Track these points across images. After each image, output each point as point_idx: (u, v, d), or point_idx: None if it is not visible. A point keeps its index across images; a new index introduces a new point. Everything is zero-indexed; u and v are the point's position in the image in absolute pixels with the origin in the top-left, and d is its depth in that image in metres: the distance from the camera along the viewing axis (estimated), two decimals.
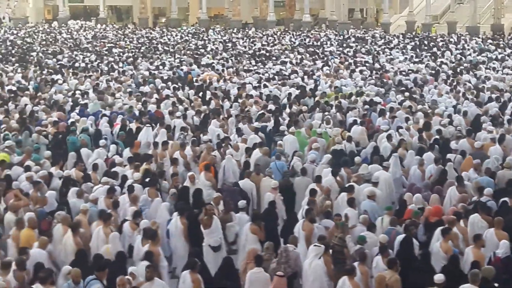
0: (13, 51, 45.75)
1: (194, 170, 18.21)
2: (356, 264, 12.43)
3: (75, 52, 45.17)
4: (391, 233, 13.66)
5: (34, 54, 44.15)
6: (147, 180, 16.53)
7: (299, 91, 28.92)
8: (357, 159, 18.58)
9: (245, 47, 49.70)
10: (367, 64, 38.01)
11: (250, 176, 17.34)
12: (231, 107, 25.74)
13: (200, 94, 28.42)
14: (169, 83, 31.52)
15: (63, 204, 15.03)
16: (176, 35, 59.16)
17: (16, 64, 38.24)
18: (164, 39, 55.71)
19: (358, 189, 16.14)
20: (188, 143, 20.13)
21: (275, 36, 58.31)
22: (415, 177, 17.69)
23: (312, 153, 18.92)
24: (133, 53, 45.01)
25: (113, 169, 17.37)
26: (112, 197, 15.54)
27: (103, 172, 17.69)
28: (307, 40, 54.63)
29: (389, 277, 11.89)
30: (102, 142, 20.03)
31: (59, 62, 40.02)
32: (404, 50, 45.51)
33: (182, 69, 36.57)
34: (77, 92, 28.48)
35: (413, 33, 59.81)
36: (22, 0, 72.48)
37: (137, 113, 23.89)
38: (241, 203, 15.65)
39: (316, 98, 26.97)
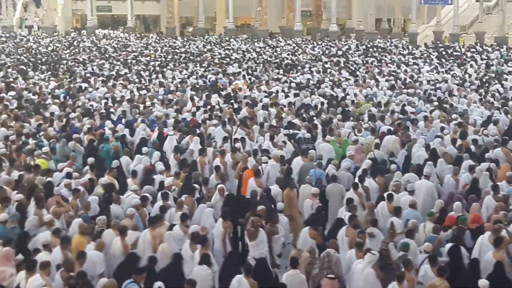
0: (43, 60, 46.11)
1: (231, 178, 18.29)
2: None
3: (102, 61, 45.39)
4: (433, 241, 13.58)
5: (64, 62, 44.50)
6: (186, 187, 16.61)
7: (327, 100, 29.00)
8: (393, 166, 18.60)
9: (270, 56, 49.74)
10: (393, 74, 37.91)
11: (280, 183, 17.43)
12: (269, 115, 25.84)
13: (230, 102, 28.51)
14: (199, 91, 31.60)
15: (105, 210, 15.08)
16: (199, 45, 59.44)
17: (48, 72, 38.50)
18: (187, 48, 55.87)
19: (396, 198, 16.09)
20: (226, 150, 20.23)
21: (296, 45, 58.43)
22: (448, 186, 17.61)
23: (347, 161, 18.96)
24: (160, 62, 45.18)
25: (155, 176, 17.57)
26: (146, 205, 15.55)
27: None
28: (330, 49, 54.67)
29: (439, 285, 11.85)
30: (145, 149, 20.14)
31: (88, 71, 40.25)
32: (428, 60, 45.36)
33: (210, 78, 36.70)
34: (109, 100, 28.64)
35: (436, 43, 59.54)
36: (50, 9, 73.00)
37: (172, 121, 23.89)
38: (280, 205, 15.89)
39: (350, 107, 27.07)
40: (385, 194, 16.39)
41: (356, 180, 17.47)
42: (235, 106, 27.40)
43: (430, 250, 13.10)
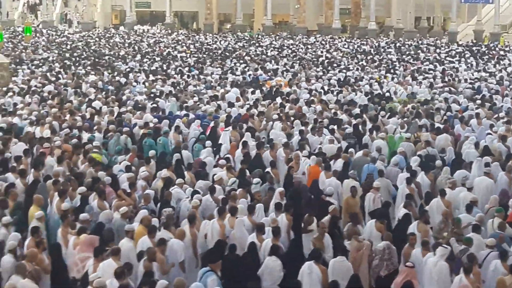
0: (84, 55, 46.53)
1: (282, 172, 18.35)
2: None
3: (141, 57, 45.63)
4: (497, 237, 13.51)
5: (105, 57, 44.86)
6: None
7: (370, 97, 28.95)
8: (438, 162, 18.54)
9: (305, 53, 49.69)
10: (431, 72, 37.76)
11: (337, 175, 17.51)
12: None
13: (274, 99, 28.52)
14: (242, 87, 31.65)
15: (165, 203, 15.15)
16: (230, 41, 59.52)
17: (89, 68, 38.81)
18: (218, 45, 55.96)
19: (452, 194, 16.00)
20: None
21: (326, 42, 58.53)
22: (501, 183, 17.46)
23: (397, 156, 18.94)
24: (197, 58, 45.32)
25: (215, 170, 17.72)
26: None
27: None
28: (362, 47, 54.58)
29: (510, 283, 11.77)
30: (208, 143, 20.23)
31: (128, 66, 40.50)
32: (464, 59, 45.05)
33: (249, 74, 36.74)
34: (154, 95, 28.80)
35: (475, 42, 59.12)
36: (90, 5, 73.68)
37: (224, 116, 23.87)
38: (329, 190, 16.18)
39: (394, 104, 27.01)
40: (438, 190, 16.34)
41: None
42: (279, 102, 27.34)
43: (493, 245, 13.03)
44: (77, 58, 43.78)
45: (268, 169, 17.91)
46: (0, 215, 13.70)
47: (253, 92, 29.99)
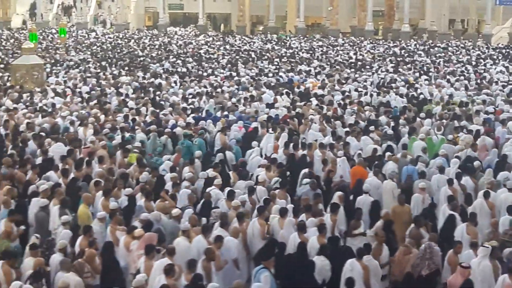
0: (117, 56, 46.86)
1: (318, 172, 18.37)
2: None
3: (174, 58, 45.80)
4: None
5: (140, 59, 45.12)
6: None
7: (406, 98, 28.82)
8: (476, 163, 18.44)
9: (336, 55, 49.59)
10: (465, 74, 37.58)
11: (378, 175, 17.50)
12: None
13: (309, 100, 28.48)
14: (277, 89, 31.62)
15: (207, 204, 15.21)
16: (258, 43, 59.58)
17: (126, 69, 39.03)
18: (249, 47, 56.01)
19: (494, 196, 15.96)
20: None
21: (354, 44, 58.46)
22: None
23: (440, 159, 18.80)
24: (230, 59, 45.39)
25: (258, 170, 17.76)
26: (233, 199, 15.56)
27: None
28: (391, 49, 54.39)
29: None
30: (254, 143, 20.30)
31: (163, 67, 40.67)
32: (498, 61, 44.68)
33: (281, 76, 36.71)
34: (190, 96, 28.88)
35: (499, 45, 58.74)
36: (124, 7, 74.18)
37: (264, 118, 23.83)
38: (366, 187, 16.29)
39: (432, 106, 26.94)
40: (481, 192, 16.21)
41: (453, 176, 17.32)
42: (315, 103, 27.28)
43: None
44: (112, 60, 44.04)
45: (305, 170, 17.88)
46: (60, 214, 13.71)
47: (287, 94, 29.90)
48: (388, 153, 19.41)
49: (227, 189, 16.07)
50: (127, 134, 20.88)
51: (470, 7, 70.15)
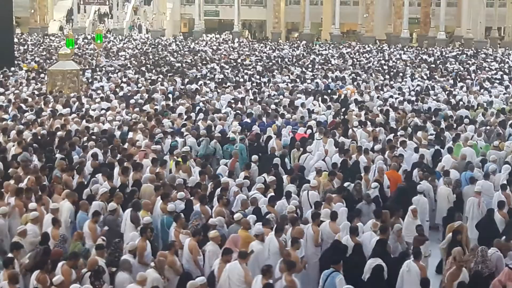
0: (152, 61, 47.33)
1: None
2: None
3: (212, 64, 46.10)
4: None
5: (178, 65, 45.53)
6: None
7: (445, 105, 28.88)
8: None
9: (368, 62, 49.67)
10: (498, 81, 37.80)
11: (428, 179, 17.64)
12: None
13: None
14: (316, 95, 31.75)
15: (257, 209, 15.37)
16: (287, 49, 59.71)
17: (167, 74, 39.41)
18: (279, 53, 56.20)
19: None
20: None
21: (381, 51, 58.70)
22: None
23: (493, 164, 18.95)
24: (265, 66, 45.61)
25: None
26: (274, 205, 15.67)
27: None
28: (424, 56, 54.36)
29: None
30: (309, 148, 20.43)
31: (201, 74, 40.97)
32: None
33: (316, 82, 36.82)
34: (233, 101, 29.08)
35: None
36: (160, 13, 74.76)
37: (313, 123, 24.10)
38: (420, 187, 16.51)
39: (474, 113, 27.10)
40: None
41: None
42: (355, 110, 27.40)
43: None
44: (150, 65, 44.50)
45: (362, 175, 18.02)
46: (134, 217, 13.93)
47: (323, 100, 30.01)
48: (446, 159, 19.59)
49: (270, 194, 16.25)
50: (178, 139, 21.15)
51: (507, 15, 69.66)
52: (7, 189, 15.77)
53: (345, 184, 16.79)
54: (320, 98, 30.43)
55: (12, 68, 40.18)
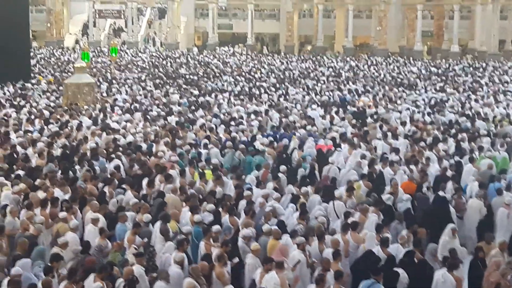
0: (169, 74, 47.71)
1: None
2: None
3: (225, 77, 46.39)
4: None
5: (193, 77, 45.89)
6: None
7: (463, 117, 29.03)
8: None
9: (379, 74, 49.92)
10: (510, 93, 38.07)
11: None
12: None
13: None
14: (330, 107, 31.96)
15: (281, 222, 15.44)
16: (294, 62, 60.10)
17: (184, 86, 39.75)
18: (289, 66, 56.49)
19: None
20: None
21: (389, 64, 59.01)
22: None
23: None
24: (277, 78, 45.90)
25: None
26: (304, 219, 15.73)
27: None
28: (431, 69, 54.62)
29: None
30: (332, 159, 20.62)
31: (217, 86, 41.26)
32: None
33: (331, 94, 37.03)
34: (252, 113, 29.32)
35: None
36: (174, 26, 75.28)
37: (336, 135, 24.32)
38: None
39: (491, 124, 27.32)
40: None
41: None
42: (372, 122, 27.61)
43: None
44: (165, 78, 44.83)
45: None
46: (163, 229, 14.14)
47: (336, 112, 30.25)
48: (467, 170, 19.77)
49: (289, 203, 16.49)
50: (202, 151, 21.41)
51: None
52: (34, 200, 15.95)
53: (385, 198, 16.80)
54: (336, 110, 30.68)
55: (33, 81, 40.71)
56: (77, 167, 19.17)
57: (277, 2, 79.42)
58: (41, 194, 16.43)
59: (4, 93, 35.32)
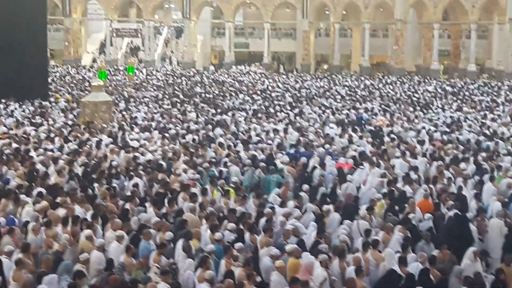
0: (186, 92, 47.93)
1: None
2: None
3: (242, 95, 46.48)
4: None
5: (209, 96, 46.04)
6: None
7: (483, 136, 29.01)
8: None
9: (395, 93, 49.89)
10: None
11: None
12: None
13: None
14: (348, 126, 31.97)
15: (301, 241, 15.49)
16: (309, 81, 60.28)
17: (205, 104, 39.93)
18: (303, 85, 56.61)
19: None
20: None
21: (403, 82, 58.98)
22: None
23: None
24: (294, 97, 45.99)
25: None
26: (322, 237, 15.76)
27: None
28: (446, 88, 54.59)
29: None
30: (350, 177, 20.71)
31: (234, 104, 41.38)
32: None
33: (347, 114, 37.04)
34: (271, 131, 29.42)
35: None
36: (190, 45, 75.71)
37: (355, 154, 24.41)
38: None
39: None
40: None
41: None
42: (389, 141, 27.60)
43: None
44: (181, 96, 45.00)
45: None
46: (186, 247, 14.17)
47: (354, 130, 30.27)
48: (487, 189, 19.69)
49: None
50: (222, 169, 21.44)
51: None
52: (53, 218, 16.00)
53: (410, 216, 16.82)
54: (353, 129, 30.70)
55: (52, 99, 41.01)
56: (96, 185, 19.27)
57: (293, 21, 79.77)
58: (60, 212, 16.52)
59: (24, 111, 35.58)
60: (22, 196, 17.47)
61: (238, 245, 14.33)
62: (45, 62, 45.88)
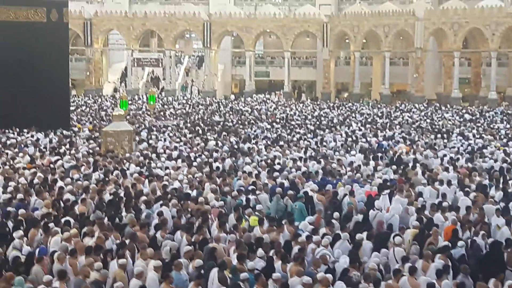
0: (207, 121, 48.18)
1: None
2: None
3: (262, 124, 46.65)
4: None
5: (230, 125, 46.24)
6: None
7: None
8: None
9: (415, 121, 49.87)
10: None
11: None
12: None
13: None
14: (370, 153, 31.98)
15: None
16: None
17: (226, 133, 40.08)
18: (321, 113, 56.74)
19: None
20: None
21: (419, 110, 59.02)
22: None
23: None
24: (313, 124, 46.09)
25: None
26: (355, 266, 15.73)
27: None
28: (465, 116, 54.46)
29: None
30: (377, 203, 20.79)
31: (255, 133, 41.49)
32: None
33: (369, 141, 37.02)
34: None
35: None
36: (211, 74, 76.18)
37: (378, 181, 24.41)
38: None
39: None
40: None
41: None
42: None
43: None
44: (203, 125, 45.21)
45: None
46: (221, 277, 14.14)
47: (377, 158, 30.24)
48: None
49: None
50: (251, 197, 21.49)
51: None
52: (78, 247, 16.00)
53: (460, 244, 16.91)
54: (376, 156, 30.69)
55: (75, 129, 41.34)
56: (123, 213, 19.36)
57: (313, 49, 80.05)
58: (87, 241, 16.61)
59: (51, 141, 35.79)
60: (51, 225, 17.57)
61: (276, 275, 14.28)
62: (67, 92, 46.37)
